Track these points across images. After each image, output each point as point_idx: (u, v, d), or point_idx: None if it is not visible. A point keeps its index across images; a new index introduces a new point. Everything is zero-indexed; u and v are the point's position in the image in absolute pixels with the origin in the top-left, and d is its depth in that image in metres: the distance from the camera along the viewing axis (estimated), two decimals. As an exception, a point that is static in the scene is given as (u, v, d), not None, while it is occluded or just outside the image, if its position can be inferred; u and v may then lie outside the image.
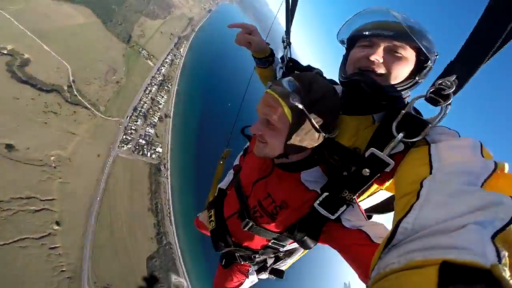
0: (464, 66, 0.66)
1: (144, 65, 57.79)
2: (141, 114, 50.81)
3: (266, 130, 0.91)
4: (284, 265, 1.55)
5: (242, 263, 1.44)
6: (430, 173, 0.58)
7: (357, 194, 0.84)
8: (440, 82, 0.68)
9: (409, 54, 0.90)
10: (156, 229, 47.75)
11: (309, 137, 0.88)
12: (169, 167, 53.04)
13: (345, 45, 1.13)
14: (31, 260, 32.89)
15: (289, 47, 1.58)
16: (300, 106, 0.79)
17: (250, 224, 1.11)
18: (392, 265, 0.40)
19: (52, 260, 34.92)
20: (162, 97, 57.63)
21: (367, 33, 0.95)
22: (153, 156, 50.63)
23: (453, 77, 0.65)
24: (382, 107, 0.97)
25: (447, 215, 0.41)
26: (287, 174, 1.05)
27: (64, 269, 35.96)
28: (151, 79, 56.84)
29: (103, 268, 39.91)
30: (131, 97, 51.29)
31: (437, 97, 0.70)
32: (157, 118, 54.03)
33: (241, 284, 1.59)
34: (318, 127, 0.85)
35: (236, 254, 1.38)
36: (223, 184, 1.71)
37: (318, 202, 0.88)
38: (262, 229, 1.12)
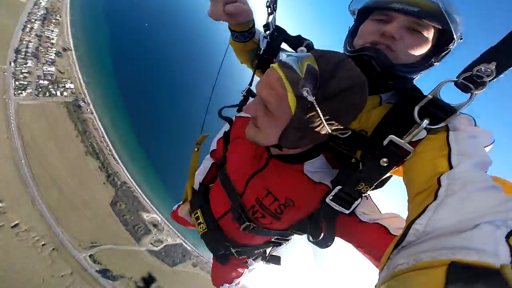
0: (509, 53, 0.58)
1: (11, 3, 44.60)
2: (28, 54, 40.70)
3: (261, 113, 0.72)
4: (277, 251, 1.43)
5: (240, 257, 1.30)
6: (450, 167, 0.54)
7: (373, 186, 0.73)
8: (478, 68, 0.60)
9: (431, 35, 0.78)
10: (104, 172, 42.55)
11: (313, 135, 0.71)
12: (90, 101, 44.77)
13: (355, 16, 0.98)
14: (7, 245, 28.92)
15: (275, 13, 1.20)
16: (310, 99, 0.59)
17: (250, 227, 1.00)
18: (400, 266, 0.39)
19: (26, 238, 30.87)
20: (52, 31, 46.14)
21: (395, 6, 0.77)
22: (65, 93, 42.32)
23: (494, 65, 0.58)
24: (390, 87, 0.87)
25: (461, 217, 0.40)
26: (286, 165, 0.90)
27: (43, 242, 32.15)
28: (28, 16, 44.87)
29: (76, 229, 36.03)
30: (6, 40, 40.53)
31: (469, 83, 0.62)
32: (53, 54, 43.91)
33: (241, 275, 1.48)
34: (327, 126, 0.67)
35: (233, 250, 1.23)
36: (200, 174, 1.45)
37: (331, 197, 0.77)
38: (264, 230, 1.01)
